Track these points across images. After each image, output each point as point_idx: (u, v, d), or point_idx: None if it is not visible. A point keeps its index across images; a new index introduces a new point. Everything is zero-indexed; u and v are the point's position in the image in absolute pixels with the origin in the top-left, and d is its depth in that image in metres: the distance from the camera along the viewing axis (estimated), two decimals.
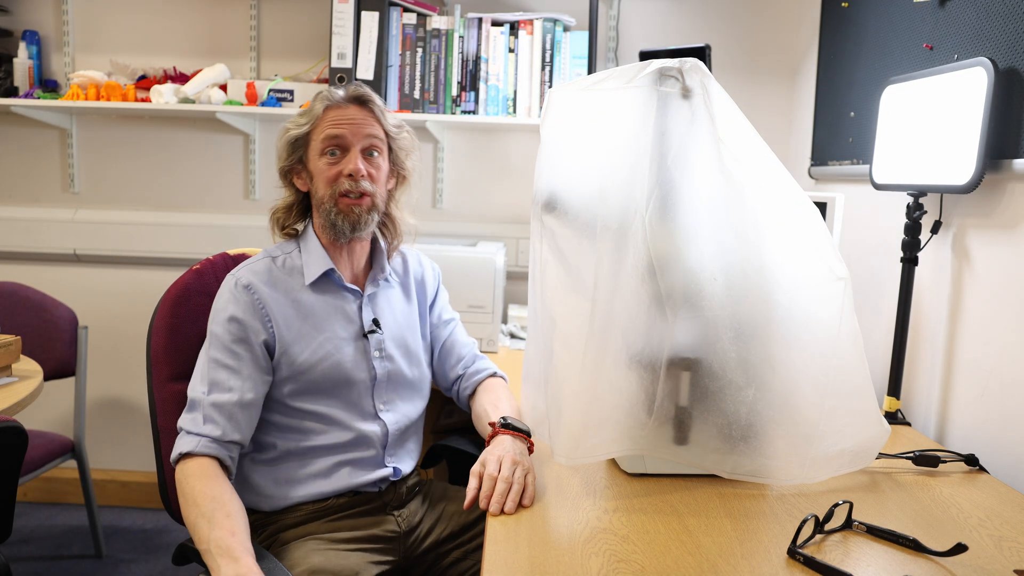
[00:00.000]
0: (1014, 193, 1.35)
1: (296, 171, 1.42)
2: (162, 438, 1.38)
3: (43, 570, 2.30)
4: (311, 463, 1.36)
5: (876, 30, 1.83)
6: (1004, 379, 1.35)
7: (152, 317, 1.42)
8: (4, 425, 1.35)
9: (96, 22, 2.56)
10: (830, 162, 2.07)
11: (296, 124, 1.39)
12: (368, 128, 1.38)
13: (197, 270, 1.47)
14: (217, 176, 2.63)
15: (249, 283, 1.34)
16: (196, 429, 1.25)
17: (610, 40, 2.47)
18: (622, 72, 1.13)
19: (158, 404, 1.39)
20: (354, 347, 1.40)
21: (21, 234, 2.62)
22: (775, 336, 1.12)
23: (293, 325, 1.35)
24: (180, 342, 1.41)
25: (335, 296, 1.41)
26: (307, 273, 1.39)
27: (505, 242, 2.45)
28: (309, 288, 1.38)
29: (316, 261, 1.39)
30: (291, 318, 1.35)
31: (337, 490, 1.36)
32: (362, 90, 1.40)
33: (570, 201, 1.17)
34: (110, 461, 2.76)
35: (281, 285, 1.37)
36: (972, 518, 1.13)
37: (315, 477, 1.35)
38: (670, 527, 1.05)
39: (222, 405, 1.26)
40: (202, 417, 1.26)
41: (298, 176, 1.42)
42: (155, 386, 1.39)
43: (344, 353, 1.38)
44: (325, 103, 1.37)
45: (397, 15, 2.31)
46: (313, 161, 1.39)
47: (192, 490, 1.19)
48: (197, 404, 1.27)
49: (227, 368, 1.29)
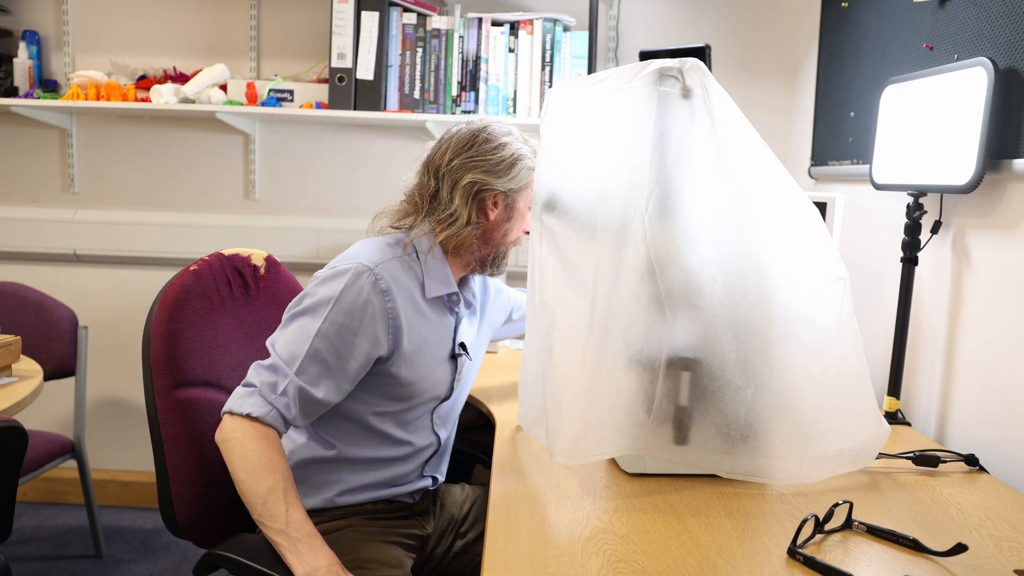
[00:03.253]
0: (1014, 193, 1.35)
1: (495, 197, 1.33)
2: (166, 447, 1.28)
3: (43, 570, 2.30)
4: (363, 473, 1.33)
5: (876, 30, 1.83)
6: (1004, 379, 1.35)
7: (148, 320, 1.32)
8: (4, 425, 1.34)
9: (96, 22, 2.56)
10: (830, 162, 2.07)
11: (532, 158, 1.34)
12: None
13: (194, 271, 1.39)
14: (217, 176, 2.63)
15: (388, 288, 1.25)
16: (272, 399, 1.18)
17: (610, 40, 2.47)
18: (622, 72, 1.13)
19: (160, 413, 1.29)
20: (444, 367, 1.37)
21: (21, 234, 2.62)
22: (774, 336, 1.12)
23: (415, 337, 1.30)
24: (182, 348, 1.32)
25: (442, 315, 1.37)
26: (429, 287, 1.32)
27: None
28: (427, 301, 1.33)
29: (441, 279, 1.34)
30: (416, 329, 1.30)
31: (380, 498, 1.36)
32: None
33: (570, 201, 1.17)
34: (110, 461, 2.76)
35: (410, 291, 1.30)
36: (972, 518, 1.12)
37: (362, 488, 1.34)
38: (670, 527, 1.05)
39: (305, 393, 1.20)
40: (282, 389, 1.18)
41: (496, 205, 1.33)
42: (157, 394, 1.29)
43: (437, 374, 1.35)
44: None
45: (397, 15, 2.31)
46: (522, 204, 1.36)
47: (260, 456, 1.13)
48: (282, 373, 1.19)
49: (324, 364, 1.21)
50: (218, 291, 1.43)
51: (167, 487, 1.29)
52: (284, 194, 2.63)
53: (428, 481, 1.42)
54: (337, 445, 1.32)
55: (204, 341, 1.36)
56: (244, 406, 1.17)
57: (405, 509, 1.40)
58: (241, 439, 1.15)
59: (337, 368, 1.22)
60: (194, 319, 1.36)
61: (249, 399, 1.18)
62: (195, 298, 1.37)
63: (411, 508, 1.41)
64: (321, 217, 2.61)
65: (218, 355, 1.40)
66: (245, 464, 1.14)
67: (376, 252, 1.29)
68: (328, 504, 1.32)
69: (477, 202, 1.32)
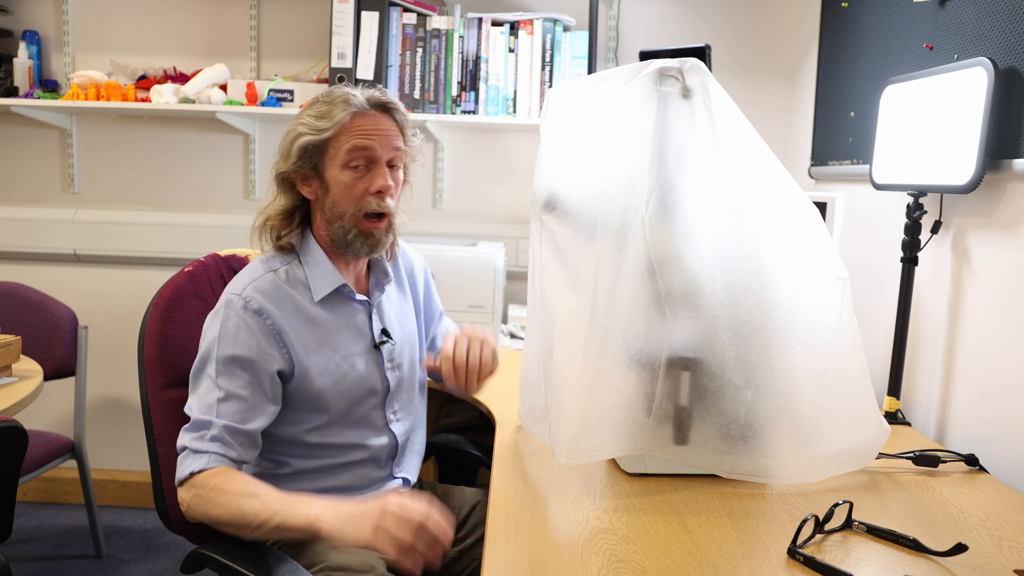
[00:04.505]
0: (1014, 193, 1.35)
1: (305, 177, 1.29)
2: (158, 446, 1.33)
3: (43, 570, 2.30)
4: (324, 479, 1.32)
5: (876, 30, 1.83)
6: (1004, 379, 1.35)
7: (143, 321, 1.36)
8: (4, 425, 1.35)
9: (96, 22, 2.56)
10: (830, 162, 2.07)
11: (313, 128, 1.25)
12: (395, 140, 1.29)
13: (189, 272, 1.41)
14: (217, 176, 2.63)
15: (260, 308, 1.23)
16: (204, 447, 1.16)
17: (610, 40, 2.47)
18: (622, 72, 1.13)
19: (153, 412, 1.33)
20: (366, 360, 1.34)
21: (21, 234, 2.62)
22: (774, 336, 1.12)
23: (309, 346, 1.27)
24: (174, 348, 1.35)
25: (344, 309, 1.33)
26: (315, 288, 1.30)
27: (505, 242, 2.45)
28: (318, 304, 1.30)
29: (325, 275, 1.30)
30: (306, 339, 1.27)
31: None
32: (388, 97, 1.29)
33: (570, 201, 1.17)
34: (110, 461, 2.76)
35: (290, 302, 1.27)
36: (972, 518, 1.13)
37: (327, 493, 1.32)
38: (670, 527, 1.05)
39: (234, 429, 1.18)
40: (210, 436, 1.17)
41: (306, 183, 1.29)
42: (150, 393, 1.34)
43: (358, 369, 1.32)
44: (352, 110, 1.25)
45: (397, 15, 2.31)
46: (332, 171, 1.26)
47: (218, 487, 1.12)
48: (204, 424, 1.18)
49: (238, 399, 1.20)
50: (213, 292, 1.43)
51: (160, 484, 1.33)
52: None
53: (398, 483, 1.39)
54: (290, 462, 1.31)
55: (197, 341, 1.35)
56: (185, 470, 1.16)
57: None
58: (198, 494, 1.14)
59: (252, 398, 1.21)
60: (187, 320, 1.38)
61: (185, 462, 1.17)
62: (189, 299, 1.39)
63: None
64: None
65: None
66: (210, 505, 1.12)
67: (246, 276, 1.29)
68: None
69: (291, 189, 1.31)
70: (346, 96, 1.26)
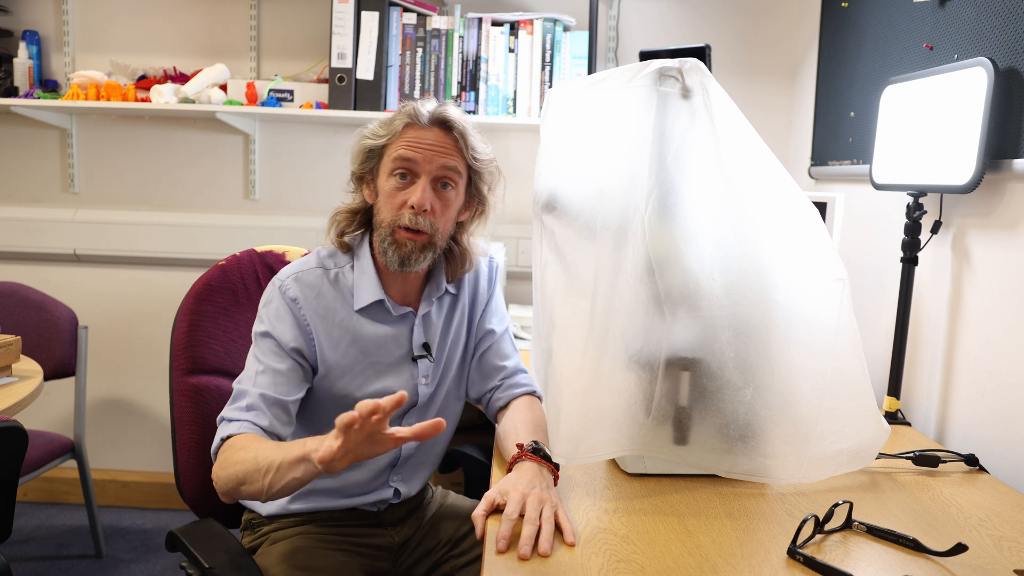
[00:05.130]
0: (1014, 193, 1.35)
1: (367, 180, 1.32)
2: (176, 427, 1.44)
3: (43, 570, 2.30)
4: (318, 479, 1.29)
5: (876, 30, 1.83)
6: (1004, 379, 1.35)
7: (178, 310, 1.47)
8: (4, 425, 1.34)
9: (96, 22, 2.56)
10: (830, 162, 2.07)
11: (374, 134, 1.29)
12: (444, 158, 1.26)
13: (222, 266, 1.50)
14: (217, 176, 2.63)
15: (296, 297, 1.26)
16: (238, 416, 1.18)
17: (610, 40, 2.47)
18: (622, 72, 1.13)
19: (174, 396, 1.44)
20: (399, 371, 1.33)
21: (21, 234, 2.62)
22: (774, 336, 1.12)
23: (339, 346, 1.28)
24: (199, 337, 1.45)
25: (385, 319, 1.32)
26: (357, 297, 1.30)
27: (505, 242, 2.45)
28: (357, 312, 1.30)
29: (368, 286, 1.30)
30: (337, 339, 1.28)
31: (336, 507, 1.35)
32: (449, 113, 1.27)
33: (570, 201, 1.17)
34: (110, 461, 2.76)
35: (328, 303, 1.29)
36: (972, 518, 1.12)
37: (317, 493, 1.34)
38: (670, 527, 1.05)
39: (268, 398, 1.20)
40: (246, 404, 1.19)
41: (367, 186, 1.32)
42: (173, 377, 1.44)
43: (387, 381, 1.31)
44: (406, 120, 1.26)
45: (397, 15, 2.31)
46: (382, 177, 1.28)
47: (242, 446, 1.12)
48: (243, 394, 1.21)
49: (274, 372, 1.23)
50: (244, 286, 1.53)
51: (175, 462, 1.45)
52: (284, 194, 2.63)
53: (389, 492, 1.38)
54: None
55: (223, 332, 1.47)
56: (217, 438, 1.18)
57: (371, 518, 1.38)
58: (222, 460, 1.14)
59: (288, 372, 1.24)
60: (215, 312, 1.48)
61: (222, 429, 1.18)
62: (218, 292, 1.49)
63: (377, 517, 1.39)
64: (321, 217, 2.59)
65: (236, 346, 1.50)
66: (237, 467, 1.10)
67: (298, 264, 1.32)
68: (282, 511, 1.34)
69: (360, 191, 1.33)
70: (412, 107, 1.28)
